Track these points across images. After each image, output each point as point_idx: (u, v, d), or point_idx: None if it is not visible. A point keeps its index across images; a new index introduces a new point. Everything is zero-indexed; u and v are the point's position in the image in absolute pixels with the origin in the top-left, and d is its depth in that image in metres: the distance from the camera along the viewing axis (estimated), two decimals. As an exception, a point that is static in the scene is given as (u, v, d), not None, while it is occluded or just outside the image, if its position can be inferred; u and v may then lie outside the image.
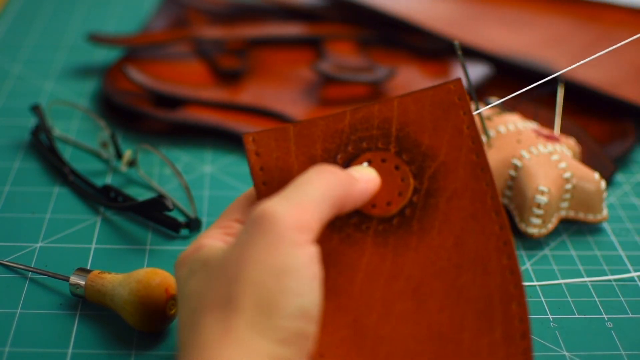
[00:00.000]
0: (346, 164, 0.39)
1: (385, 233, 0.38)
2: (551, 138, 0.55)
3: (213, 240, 0.36)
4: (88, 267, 0.49)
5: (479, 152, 0.39)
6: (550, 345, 0.45)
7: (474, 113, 0.56)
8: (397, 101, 0.39)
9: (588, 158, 0.60)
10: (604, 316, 0.48)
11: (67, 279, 0.46)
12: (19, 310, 0.46)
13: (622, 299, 0.49)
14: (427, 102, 0.39)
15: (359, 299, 0.37)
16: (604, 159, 0.60)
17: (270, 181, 0.38)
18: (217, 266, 0.34)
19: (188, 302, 0.35)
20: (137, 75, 0.65)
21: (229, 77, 0.69)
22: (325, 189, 0.35)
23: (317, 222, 0.34)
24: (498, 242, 0.38)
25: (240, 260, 0.33)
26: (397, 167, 0.39)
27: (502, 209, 0.38)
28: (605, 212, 0.55)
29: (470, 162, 0.39)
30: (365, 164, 0.39)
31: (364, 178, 0.37)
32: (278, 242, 0.32)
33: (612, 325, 0.47)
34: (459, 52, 0.50)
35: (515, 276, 0.37)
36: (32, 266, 0.49)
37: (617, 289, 0.50)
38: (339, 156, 0.39)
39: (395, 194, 0.39)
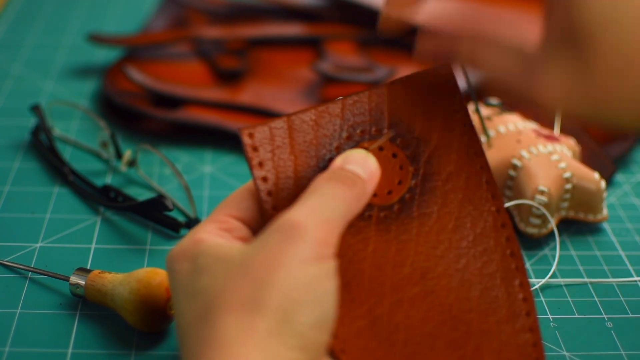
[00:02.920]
0: (342, 152, 0.39)
1: (387, 220, 0.38)
2: (551, 138, 0.55)
3: (211, 235, 0.36)
4: (88, 267, 0.49)
5: (471, 135, 0.39)
6: (550, 345, 0.45)
7: (474, 113, 0.56)
8: (387, 87, 0.39)
9: (588, 158, 0.60)
10: (604, 316, 0.48)
11: (67, 279, 0.46)
12: (18, 310, 0.46)
13: (622, 299, 0.49)
14: (417, 86, 0.39)
15: (370, 288, 0.37)
16: (604, 159, 0.60)
17: (270, 176, 0.38)
18: (239, 265, 0.34)
19: (200, 297, 0.34)
20: (137, 75, 0.65)
21: (229, 77, 0.69)
22: (348, 206, 0.36)
23: (337, 237, 0.35)
24: (496, 224, 0.39)
25: (269, 264, 0.33)
26: (394, 155, 0.39)
27: (499, 192, 0.39)
28: (605, 212, 0.55)
29: (464, 146, 0.39)
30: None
31: (372, 178, 0.38)
32: (308, 254, 0.33)
33: (612, 325, 0.47)
34: (459, 52, 0.50)
35: (516, 258, 0.38)
36: (32, 266, 0.49)
37: (617, 289, 0.50)
38: (335, 145, 0.39)
39: (395, 183, 0.39)
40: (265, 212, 0.37)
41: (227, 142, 0.63)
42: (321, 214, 0.34)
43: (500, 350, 0.38)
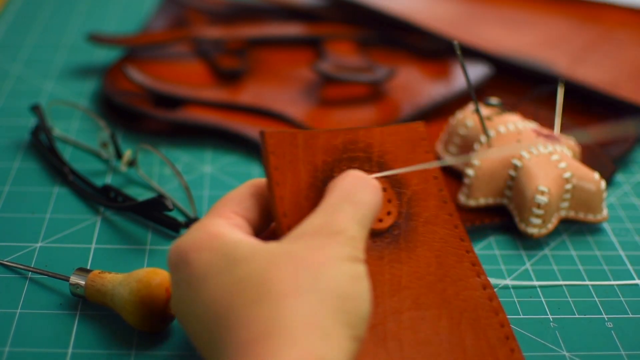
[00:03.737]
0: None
1: (379, 248, 0.41)
2: (551, 138, 0.55)
3: (229, 229, 0.37)
4: (88, 267, 0.49)
5: (441, 186, 0.44)
6: (550, 345, 0.45)
7: (473, 112, 0.56)
8: (378, 130, 0.43)
9: (588, 158, 0.60)
10: (604, 316, 0.48)
11: (67, 279, 0.46)
12: (18, 310, 0.46)
13: (622, 299, 0.49)
14: (399, 136, 0.44)
15: (373, 308, 0.39)
16: (604, 159, 0.60)
17: (283, 182, 0.39)
18: (286, 258, 0.35)
19: (244, 284, 0.35)
20: (137, 75, 0.65)
21: (229, 77, 0.69)
22: (375, 211, 0.39)
23: (364, 239, 0.38)
24: (468, 263, 0.43)
25: (318, 259, 0.35)
26: (384, 189, 0.42)
27: (467, 235, 0.44)
28: (605, 212, 0.55)
29: (436, 195, 0.44)
30: None
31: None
32: (349, 255, 0.36)
33: (612, 326, 0.47)
34: (459, 52, 0.50)
35: (488, 290, 0.42)
36: (32, 266, 0.49)
37: (617, 289, 0.50)
38: (335, 170, 0.41)
39: (384, 213, 0.42)
40: (276, 217, 0.39)
41: (227, 142, 0.63)
42: (357, 220, 0.37)
43: None
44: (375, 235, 0.41)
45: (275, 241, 0.37)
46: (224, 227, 0.38)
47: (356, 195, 0.38)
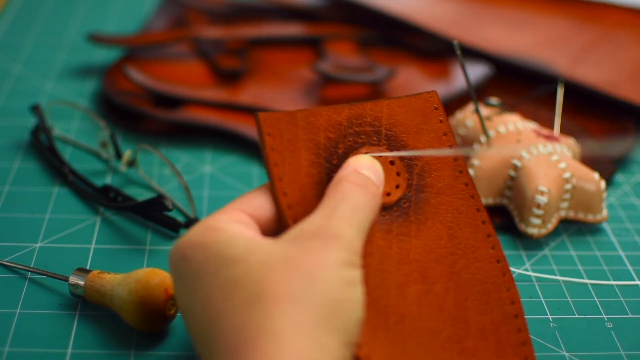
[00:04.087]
0: (345, 154, 0.41)
1: (387, 221, 0.40)
2: (551, 138, 0.55)
3: (229, 225, 0.37)
4: (87, 267, 0.49)
5: (455, 156, 0.43)
6: (550, 346, 0.45)
7: (473, 112, 0.56)
8: (385, 103, 0.43)
9: (588, 158, 0.60)
10: (604, 316, 0.48)
11: (66, 279, 0.46)
12: (18, 310, 0.46)
13: (621, 299, 0.49)
14: (410, 107, 0.43)
15: (375, 283, 0.39)
16: (604, 159, 0.60)
17: (282, 162, 0.39)
18: (281, 261, 0.35)
19: (237, 286, 0.34)
20: (137, 75, 0.65)
21: (229, 77, 0.69)
22: (372, 213, 0.39)
23: (361, 241, 0.38)
24: (483, 234, 0.42)
25: (313, 263, 0.35)
26: (392, 162, 0.42)
27: (482, 205, 0.42)
28: (605, 212, 0.55)
29: (450, 164, 0.43)
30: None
31: (381, 183, 0.40)
32: (345, 260, 0.36)
33: (612, 326, 0.47)
34: (459, 52, 0.50)
35: (502, 264, 0.41)
36: (32, 266, 0.49)
37: (617, 289, 0.50)
38: (339, 146, 0.41)
39: (393, 186, 0.41)
40: (277, 197, 0.39)
41: (227, 142, 0.63)
42: (354, 225, 0.37)
43: (495, 347, 0.40)
44: (383, 209, 0.41)
45: (274, 239, 0.37)
46: (223, 223, 0.37)
47: (355, 197, 0.38)
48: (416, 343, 0.38)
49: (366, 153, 0.41)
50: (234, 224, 0.37)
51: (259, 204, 0.39)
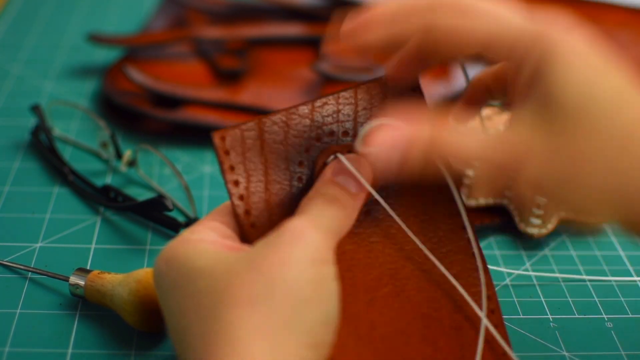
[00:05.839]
0: (313, 155, 0.39)
1: (355, 222, 0.38)
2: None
3: (201, 235, 0.36)
4: (88, 267, 0.49)
5: None
6: (550, 346, 0.45)
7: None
8: (354, 90, 0.40)
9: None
10: (604, 316, 0.48)
11: (66, 279, 0.46)
12: (18, 310, 0.46)
13: (622, 299, 0.49)
14: (383, 90, 0.40)
15: (343, 289, 0.38)
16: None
17: (241, 180, 0.37)
18: (245, 264, 0.34)
19: (202, 295, 0.34)
20: (137, 75, 0.65)
21: (229, 77, 0.69)
22: (341, 224, 0.36)
23: (335, 245, 0.36)
24: (458, 226, 0.40)
25: (276, 262, 0.33)
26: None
27: (460, 196, 0.40)
28: (605, 212, 0.55)
29: None
30: (332, 157, 0.38)
31: (361, 190, 0.37)
32: (313, 256, 0.34)
33: (612, 325, 0.47)
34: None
35: (477, 258, 0.40)
36: (32, 266, 0.49)
37: (617, 289, 0.50)
38: (304, 147, 0.38)
39: None
40: (238, 217, 0.37)
41: (227, 142, 0.63)
42: (322, 225, 0.35)
43: (470, 344, 0.39)
44: None
45: (244, 246, 0.36)
46: (195, 235, 0.36)
47: (319, 207, 0.36)
48: (388, 347, 0.38)
49: (334, 153, 0.38)
50: (206, 235, 0.36)
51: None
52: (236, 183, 0.37)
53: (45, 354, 0.43)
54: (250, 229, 0.37)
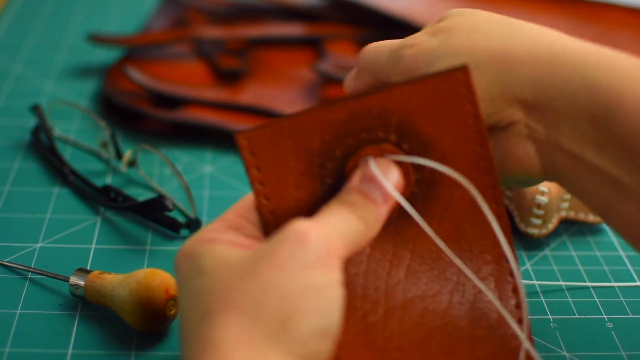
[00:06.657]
0: (344, 156, 0.37)
1: (384, 227, 0.37)
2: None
3: (218, 234, 0.36)
4: (88, 268, 0.49)
5: (482, 143, 0.37)
6: (550, 346, 0.45)
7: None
8: (398, 90, 0.36)
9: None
10: (604, 316, 0.48)
11: (66, 280, 0.46)
12: (18, 311, 0.46)
13: (622, 299, 0.49)
14: (431, 91, 0.36)
15: (365, 294, 0.37)
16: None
17: (268, 180, 0.36)
18: (244, 269, 0.33)
19: (200, 297, 0.34)
20: (137, 75, 0.65)
21: (229, 77, 0.69)
22: (360, 234, 0.35)
23: (345, 253, 0.35)
24: (489, 234, 0.38)
25: (272, 269, 0.33)
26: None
27: (501, 198, 0.38)
28: (605, 212, 0.55)
29: (474, 153, 0.37)
30: (363, 160, 0.37)
31: (387, 199, 0.36)
32: (313, 261, 0.33)
33: (612, 326, 0.47)
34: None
35: (510, 263, 0.38)
36: (32, 266, 0.49)
37: (617, 289, 0.50)
38: (337, 148, 0.37)
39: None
40: (263, 216, 0.37)
41: (227, 142, 0.63)
42: (332, 232, 0.34)
43: (493, 355, 0.38)
44: None
45: (252, 250, 0.35)
46: (212, 233, 0.36)
47: (340, 213, 0.35)
48: (405, 358, 0.37)
49: (366, 155, 0.36)
50: (224, 234, 0.36)
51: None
52: (262, 183, 0.36)
53: (46, 354, 0.43)
54: (275, 230, 0.36)
